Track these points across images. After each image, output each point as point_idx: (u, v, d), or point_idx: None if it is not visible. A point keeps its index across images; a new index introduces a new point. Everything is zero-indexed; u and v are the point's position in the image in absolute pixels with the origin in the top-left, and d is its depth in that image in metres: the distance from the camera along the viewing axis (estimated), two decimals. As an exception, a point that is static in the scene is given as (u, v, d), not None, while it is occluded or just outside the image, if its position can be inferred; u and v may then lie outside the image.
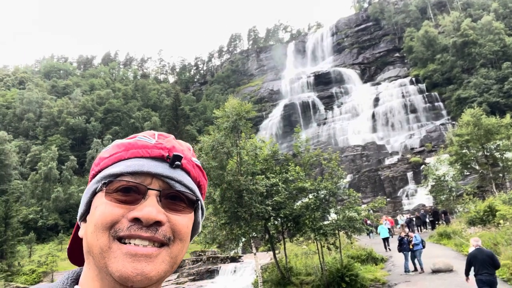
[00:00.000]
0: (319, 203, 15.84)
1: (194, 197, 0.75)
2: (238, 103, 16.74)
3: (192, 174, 0.78)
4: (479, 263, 8.74)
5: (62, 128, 76.16)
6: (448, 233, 21.94)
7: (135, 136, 0.79)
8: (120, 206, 0.68)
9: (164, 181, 0.72)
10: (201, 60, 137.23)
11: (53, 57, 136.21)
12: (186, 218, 0.73)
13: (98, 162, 0.77)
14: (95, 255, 0.67)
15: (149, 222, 0.67)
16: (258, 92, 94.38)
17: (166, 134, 0.81)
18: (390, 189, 46.87)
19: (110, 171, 0.72)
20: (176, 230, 0.70)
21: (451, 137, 33.69)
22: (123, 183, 0.70)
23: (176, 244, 0.70)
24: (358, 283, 14.92)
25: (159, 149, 0.75)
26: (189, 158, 0.78)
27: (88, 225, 0.71)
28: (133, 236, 0.66)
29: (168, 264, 0.69)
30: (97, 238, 0.67)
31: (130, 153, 0.74)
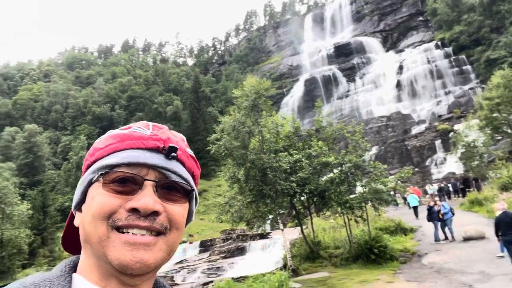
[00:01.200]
0: (344, 177, 15.72)
1: (189, 187, 0.77)
2: (256, 81, 16.60)
3: (187, 165, 0.79)
4: (505, 225, 9.54)
5: (89, 118, 78.25)
6: (480, 200, 21.42)
7: (129, 126, 0.80)
8: (118, 197, 0.70)
9: (160, 172, 0.74)
10: (218, 40, 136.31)
11: (74, 48, 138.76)
12: (181, 208, 0.75)
13: (92, 153, 0.78)
14: (94, 244, 0.69)
15: (147, 212, 0.69)
16: (277, 69, 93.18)
17: (160, 125, 0.81)
18: (418, 158, 45.89)
19: (106, 162, 0.74)
20: (172, 219, 0.72)
21: (480, 101, 32.30)
22: (119, 174, 0.71)
23: (173, 232, 0.73)
24: (387, 254, 14.89)
25: (155, 141, 0.76)
26: (184, 149, 0.80)
27: (85, 214, 0.72)
28: (131, 225, 0.68)
29: (165, 252, 0.71)
30: (96, 228, 0.69)
31: (125, 144, 0.75)
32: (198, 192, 3.30)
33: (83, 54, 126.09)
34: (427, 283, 11.00)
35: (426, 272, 12.40)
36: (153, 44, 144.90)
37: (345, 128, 17.71)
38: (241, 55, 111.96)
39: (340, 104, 70.91)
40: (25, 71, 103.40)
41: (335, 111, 61.78)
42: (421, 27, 79.92)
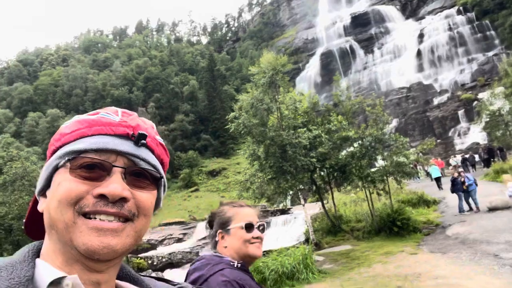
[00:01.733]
0: (365, 151, 15.60)
1: (158, 174, 0.76)
2: (273, 57, 16.38)
3: (156, 152, 0.79)
4: None
5: (108, 100, 79.35)
6: (505, 169, 20.93)
7: (97, 112, 0.79)
8: (85, 183, 0.69)
9: (129, 159, 0.73)
10: (231, 16, 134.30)
11: (90, 31, 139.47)
12: (150, 195, 0.74)
13: (58, 138, 0.77)
14: (60, 230, 0.68)
15: (115, 198, 0.68)
16: (292, 43, 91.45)
17: (129, 111, 0.81)
18: (440, 130, 44.91)
19: (73, 147, 0.72)
20: (140, 206, 0.72)
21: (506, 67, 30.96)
22: (87, 159, 0.70)
23: (140, 219, 0.72)
24: (411, 226, 14.87)
25: (124, 127, 0.75)
26: (153, 137, 0.80)
27: (51, 200, 0.71)
28: (99, 211, 0.68)
29: (133, 238, 0.71)
30: (62, 213, 0.68)
31: (93, 130, 0.74)
32: (218, 170, 3.43)
33: (99, 37, 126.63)
34: (452, 254, 11.00)
35: (450, 243, 12.37)
36: (167, 23, 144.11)
37: (364, 101, 17.44)
38: (255, 30, 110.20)
39: (358, 77, 69.43)
40: (43, 57, 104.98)
41: (353, 84, 60.56)
42: (442, -8, 76.37)
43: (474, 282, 8.00)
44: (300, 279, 10.53)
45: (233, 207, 1.92)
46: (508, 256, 9.60)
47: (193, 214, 41.49)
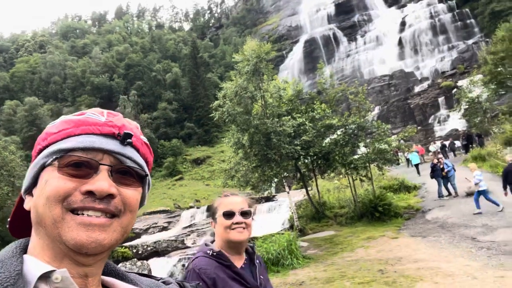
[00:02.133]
0: (348, 138, 15.82)
1: (143, 172, 0.80)
2: (257, 45, 16.28)
3: (141, 151, 0.82)
4: (511, 175, 10.71)
5: (88, 88, 77.57)
6: (483, 155, 21.57)
7: (83, 113, 0.81)
8: (73, 180, 0.71)
9: (115, 157, 0.76)
10: (214, 2, 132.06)
11: (67, 17, 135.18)
12: (135, 191, 0.78)
13: (45, 137, 0.78)
14: (48, 226, 0.70)
15: (102, 195, 0.71)
16: (276, 31, 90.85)
17: (114, 112, 0.83)
18: (420, 117, 45.76)
19: (61, 146, 0.74)
20: (126, 202, 0.75)
21: (484, 55, 31.63)
22: (75, 158, 0.72)
23: (126, 215, 0.75)
24: (392, 211, 15.26)
25: (110, 127, 0.78)
26: (138, 136, 0.82)
27: (38, 198, 0.72)
28: (86, 207, 0.70)
29: (119, 233, 0.74)
30: (50, 210, 0.70)
31: (80, 129, 0.76)
32: (202, 159, 3.46)
33: (77, 23, 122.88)
34: (431, 237, 11.36)
35: (430, 227, 12.76)
36: (148, 9, 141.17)
37: (347, 89, 17.59)
38: (238, 17, 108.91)
39: (342, 65, 69.75)
40: (19, 43, 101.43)
41: (336, 72, 60.80)
42: (424, -21, 76.89)
43: (453, 264, 8.30)
44: (285, 265, 10.72)
45: (220, 197, 2.08)
46: (485, 239, 9.99)
47: (178, 202, 41.40)
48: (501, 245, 9.13)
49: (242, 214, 1.97)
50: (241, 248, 2.03)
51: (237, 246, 2.00)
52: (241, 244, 2.00)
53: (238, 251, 2.02)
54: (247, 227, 1.98)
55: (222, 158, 50.39)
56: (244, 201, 2.04)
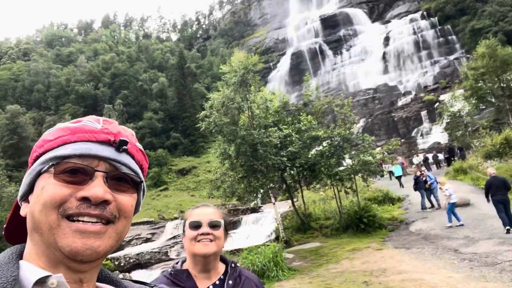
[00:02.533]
0: (334, 150, 15.96)
1: (138, 179, 0.81)
2: (244, 57, 16.42)
3: (136, 158, 0.83)
4: (495, 187, 11.13)
5: (73, 97, 76.51)
6: (464, 168, 22.03)
7: (79, 120, 0.82)
8: (69, 186, 0.72)
9: (110, 164, 0.77)
10: (202, 14, 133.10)
11: (53, 25, 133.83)
12: (130, 198, 0.78)
13: (41, 144, 0.79)
14: (44, 232, 0.70)
15: (98, 201, 0.72)
16: (263, 43, 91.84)
17: (110, 119, 0.84)
18: (404, 130, 46.58)
19: (57, 153, 0.75)
20: (121, 208, 0.76)
21: (465, 71, 32.60)
22: (71, 164, 0.73)
23: (121, 221, 0.76)
24: (376, 222, 15.37)
25: (106, 134, 0.79)
26: (133, 143, 0.83)
27: (35, 204, 0.73)
28: (82, 213, 0.71)
29: (114, 240, 0.74)
30: (46, 216, 0.70)
31: (76, 136, 0.77)
32: (188, 169, 3.41)
33: (63, 31, 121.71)
34: (415, 249, 11.47)
35: (414, 238, 12.89)
36: (135, 19, 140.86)
37: (333, 101, 17.83)
38: (226, 29, 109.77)
39: (327, 77, 70.76)
40: (3, 50, 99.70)
41: (322, 84, 61.59)
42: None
43: (436, 276, 8.39)
44: (271, 277, 10.65)
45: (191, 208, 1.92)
46: (467, 250, 10.14)
47: (162, 213, 40.85)
48: (482, 256, 9.28)
49: (210, 225, 1.77)
50: (208, 264, 1.76)
51: (203, 262, 1.75)
52: (207, 259, 1.75)
53: (206, 268, 1.77)
54: (215, 239, 1.76)
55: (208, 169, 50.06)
56: (216, 212, 1.85)
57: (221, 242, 1.79)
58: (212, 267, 1.78)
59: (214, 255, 1.76)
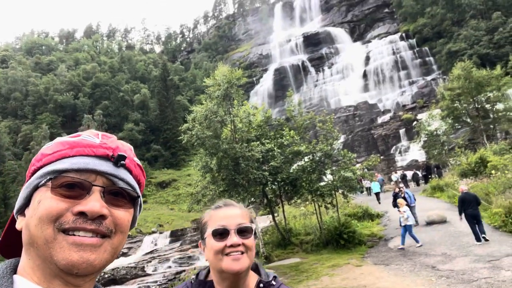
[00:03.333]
0: (315, 166, 16.07)
1: (135, 194, 0.81)
2: (228, 71, 16.50)
3: (134, 173, 0.83)
4: (467, 202, 12.05)
5: (51, 106, 74.90)
6: (441, 186, 22.52)
7: (79, 134, 0.82)
8: (65, 201, 0.72)
9: (108, 178, 0.77)
10: (186, 27, 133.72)
11: (33, 32, 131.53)
12: (127, 213, 0.78)
13: (40, 158, 0.79)
14: (40, 246, 0.70)
15: (94, 215, 0.72)
16: (247, 58, 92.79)
17: (109, 134, 0.85)
18: (383, 147, 47.48)
19: (55, 167, 0.75)
20: (118, 223, 0.76)
21: (442, 91, 33.72)
22: (68, 179, 0.73)
23: (117, 236, 0.76)
24: (356, 239, 15.45)
25: (104, 149, 0.79)
26: (131, 158, 0.84)
27: (31, 218, 0.73)
28: (78, 228, 0.71)
29: (110, 254, 0.74)
30: (42, 230, 0.70)
31: (75, 151, 0.77)
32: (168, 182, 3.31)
33: (43, 39, 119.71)
34: (394, 266, 11.56)
35: (392, 255, 13.00)
36: (118, 30, 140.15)
37: (315, 117, 18.05)
38: (210, 43, 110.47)
39: (309, 94, 71.81)
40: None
41: (304, 100, 62.44)
42: (387, 18, 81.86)
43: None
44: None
45: (211, 209, 1.54)
46: (444, 267, 10.28)
47: (140, 227, 39.95)
48: (459, 274, 9.43)
49: (239, 232, 1.40)
50: (239, 281, 1.40)
51: (233, 279, 1.39)
52: (238, 276, 1.38)
53: (235, 286, 1.41)
54: (247, 250, 1.39)
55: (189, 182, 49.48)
56: (243, 213, 1.47)
57: (253, 252, 1.44)
58: (242, 283, 1.42)
59: (246, 270, 1.40)
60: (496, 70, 31.59)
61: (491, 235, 12.24)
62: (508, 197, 13.93)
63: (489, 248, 11.07)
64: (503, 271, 8.94)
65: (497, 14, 58.75)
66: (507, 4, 60.34)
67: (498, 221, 13.53)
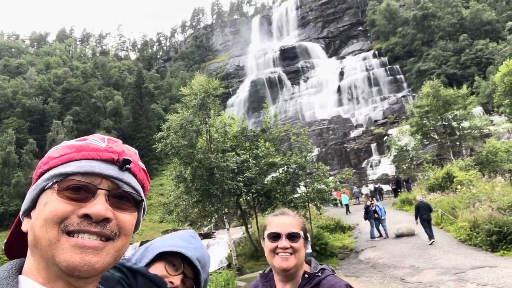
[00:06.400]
0: (289, 177, 16.20)
1: (139, 198, 0.82)
2: (205, 80, 16.50)
3: (138, 177, 0.85)
4: (422, 209, 14.46)
5: (18, 110, 72.13)
6: (410, 199, 23.12)
7: (85, 138, 0.84)
8: (71, 203, 0.73)
9: (113, 182, 0.78)
10: (163, 35, 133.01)
11: (3, 34, 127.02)
12: (131, 216, 0.80)
13: (46, 161, 0.81)
14: (43, 247, 0.71)
15: (99, 218, 0.73)
16: (224, 68, 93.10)
17: (114, 138, 0.86)
18: (355, 160, 48.44)
19: (61, 170, 0.77)
20: (122, 226, 0.77)
21: (411, 108, 34.91)
22: (74, 182, 0.75)
23: (121, 239, 0.77)
24: (328, 250, 15.60)
25: (110, 153, 0.81)
26: (136, 162, 0.85)
27: (36, 219, 0.74)
28: (82, 230, 0.72)
29: (112, 257, 0.75)
30: (46, 232, 0.71)
31: (81, 154, 0.79)
32: None
33: (13, 42, 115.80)
34: (364, 278, 11.72)
35: (363, 267, 13.19)
36: (93, 35, 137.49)
37: (290, 130, 18.26)
38: (187, 52, 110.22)
39: (285, 106, 72.66)
40: None
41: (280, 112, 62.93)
42: (360, 36, 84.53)
43: (384, 303, 8.59)
44: (222, 306, 10.36)
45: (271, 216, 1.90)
46: (413, 279, 10.52)
47: (109, 237, 38.76)
48: (427, 286, 9.67)
49: (289, 237, 1.74)
50: (289, 276, 1.77)
51: (283, 275, 1.77)
52: (287, 273, 1.75)
53: (287, 280, 1.79)
54: (294, 252, 1.74)
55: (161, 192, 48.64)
56: (295, 222, 1.81)
57: (301, 253, 1.78)
58: (293, 278, 1.77)
59: (294, 268, 1.74)
60: (462, 89, 33.06)
61: (456, 249, 12.66)
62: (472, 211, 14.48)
63: (455, 261, 11.44)
64: (468, 283, 9.25)
65: (464, 36, 61.86)
66: (474, 27, 63.71)
67: (463, 234, 14.01)
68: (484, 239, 12.56)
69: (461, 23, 65.26)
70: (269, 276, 1.86)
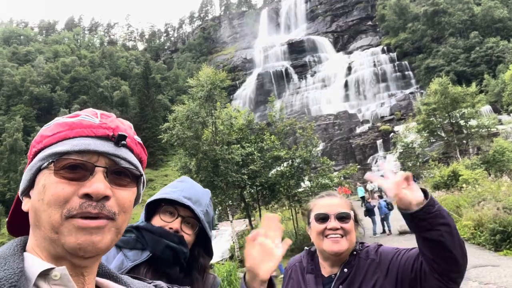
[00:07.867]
0: (294, 171, 16.19)
1: (138, 173, 0.81)
2: (212, 72, 16.47)
3: (135, 151, 0.84)
4: None
5: (26, 98, 72.69)
6: (414, 197, 22.97)
7: (77, 115, 0.82)
8: (70, 183, 0.73)
9: (110, 159, 0.77)
10: (171, 26, 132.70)
11: (12, 21, 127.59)
12: (130, 192, 0.80)
13: (40, 140, 0.79)
14: (47, 230, 0.72)
15: (99, 197, 0.73)
16: (231, 61, 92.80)
17: (108, 113, 0.84)
18: (360, 156, 48.27)
19: (56, 149, 0.75)
20: (120, 204, 0.77)
21: (419, 105, 34.63)
22: (70, 161, 0.74)
23: (121, 216, 0.77)
24: (330, 246, 15.62)
25: (104, 129, 0.79)
26: (132, 136, 0.84)
27: (38, 202, 0.74)
28: (83, 213, 0.72)
29: (114, 233, 0.76)
30: (50, 216, 0.71)
31: (75, 132, 0.78)
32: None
33: (22, 29, 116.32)
34: (366, 273, 11.74)
35: (365, 263, 13.21)
36: (101, 24, 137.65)
37: (296, 124, 18.21)
38: (195, 43, 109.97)
39: (291, 100, 72.40)
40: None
41: (286, 106, 62.88)
42: (369, 31, 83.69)
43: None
44: (223, 296, 10.43)
45: (315, 198, 1.80)
46: (414, 275, 10.53)
47: (113, 226, 39.19)
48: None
49: (339, 218, 1.62)
50: (339, 262, 1.64)
51: (333, 259, 1.64)
52: (338, 257, 1.62)
53: (336, 264, 1.65)
54: (346, 234, 1.61)
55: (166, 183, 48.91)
56: (343, 203, 1.70)
57: (352, 236, 1.64)
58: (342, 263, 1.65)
59: (346, 252, 1.62)
60: (471, 87, 32.70)
61: (460, 246, 12.59)
62: (477, 210, 14.39)
63: (457, 259, 11.42)
64: (470, 282, 9.24)
65: (474, 34, 61.01)
66: (485, 24, 62.81)
67: (467, 233, 13.94)
68: (487, 238, 12.50)
69: (472, 20, 64.32)
70: (314, 255, 1.75)
